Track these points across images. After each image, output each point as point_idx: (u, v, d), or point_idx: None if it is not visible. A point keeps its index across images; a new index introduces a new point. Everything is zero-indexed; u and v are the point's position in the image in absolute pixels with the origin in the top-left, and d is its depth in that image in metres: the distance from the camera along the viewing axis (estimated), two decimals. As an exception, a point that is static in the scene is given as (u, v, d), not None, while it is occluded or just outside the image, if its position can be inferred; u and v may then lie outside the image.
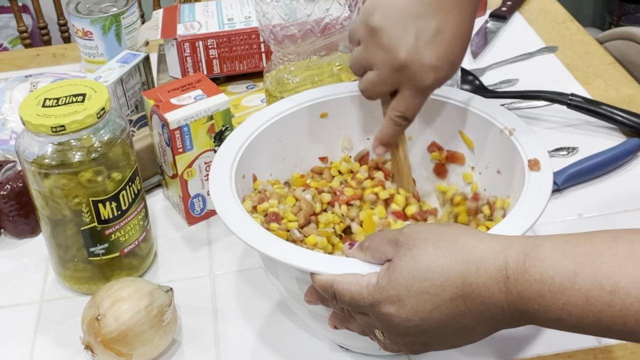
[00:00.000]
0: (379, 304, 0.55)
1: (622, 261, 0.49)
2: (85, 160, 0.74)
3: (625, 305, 0.48)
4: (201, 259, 0.86)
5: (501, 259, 0.52)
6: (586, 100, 1.02)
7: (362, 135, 0.83)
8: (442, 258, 0.54)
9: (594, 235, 0.52)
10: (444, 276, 0.53)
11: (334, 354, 0.74)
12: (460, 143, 0.80)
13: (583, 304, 0.50)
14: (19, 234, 0.91)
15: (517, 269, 0.52)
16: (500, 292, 0.52)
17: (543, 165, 0.69)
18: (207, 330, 0.78)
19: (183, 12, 1.12)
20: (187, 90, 0.87)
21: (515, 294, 0.52)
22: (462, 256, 0.53)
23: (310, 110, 0.81)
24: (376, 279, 0.56)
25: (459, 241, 0.54)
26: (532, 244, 0.53)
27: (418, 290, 0.54)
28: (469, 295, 0.53)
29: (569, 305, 0.50)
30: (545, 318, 0.52)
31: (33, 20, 2.32)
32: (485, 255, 0.53)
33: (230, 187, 0.69)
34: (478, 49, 1.21)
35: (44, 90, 0.76)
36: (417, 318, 0.54)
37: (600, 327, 0.50)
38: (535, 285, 0.51)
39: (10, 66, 1.26)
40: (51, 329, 0.79)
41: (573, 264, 0.50)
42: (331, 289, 0.58)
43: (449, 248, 0.54)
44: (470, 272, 0.53)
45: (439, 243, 0.55)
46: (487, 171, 0.78)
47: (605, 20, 2.71)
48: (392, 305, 0.55)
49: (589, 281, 0.49)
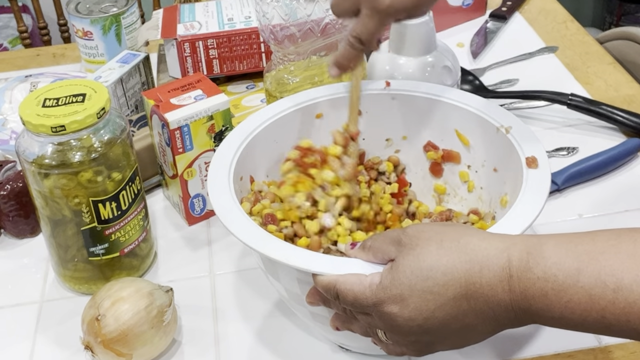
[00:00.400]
0: (382, 303, 0.55)
1: (625, 259, 0.49)
2: (85, 160, 0.74)
3: (628, 302, 0.48)
4: (201, 259, 0.86)
5: (504, 258, 0.53)
6: (586, 100, 1.02)
7: None
8: (446, 257, 0.54)
9: (596, 234, 0.52)
10: (447, 275, 0.53)
11: (334, 354, 0.74)
12: (456, 141, 0.80)
13: (586, 302, 0.50)
14: (19, 234, 0.91)
15: (521, 268, 0.52)
16: (504, 291, 0.52)
17: (541, 162, 0.69)
18: (207, 330, 0.78)
19: (183, 12, 1.12)
20: (187, 90, 0.87)
21: (519, 292, 0.52)
22: (465, 255, 0.53)
23: (306, 111, 0.81)
24: (379, 279, 0.56)
25: (462, 240, 0.54)
26: (535, 242, 0.53)
27: (421, 289, 0.54)
28: (473, 294, 0.53)
29: (572, 303, 0.50)
30: (548, 316, 0.52)
31: (33, 20, 2.32)
32: (489, 254, 0.53)
33: (229, 190, 0.69)
34: (478, 49, 1.21)
35: (44, 90, 0.76)
36: (420, 317, 0.54)
37: (603, 325, 0.50)
38: (538, 284, 0.51)
39: (10, 66, 1.27)
40: (51, 329, 0.79)
41: (576, 262, 0.50)
42: (334, 289, 0.58)
43: (452, 247, 0.54)
44: (474, 271, 0.53)
45: (442, 242, 0.55)
46: (484, 169, 0.78)
47: (605, 20, 2.71)
48: (396, 304, 0.55)
49: (592, 279, 0.49)
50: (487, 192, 0.78)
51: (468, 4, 1.28)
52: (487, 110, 0.77)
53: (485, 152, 0.77)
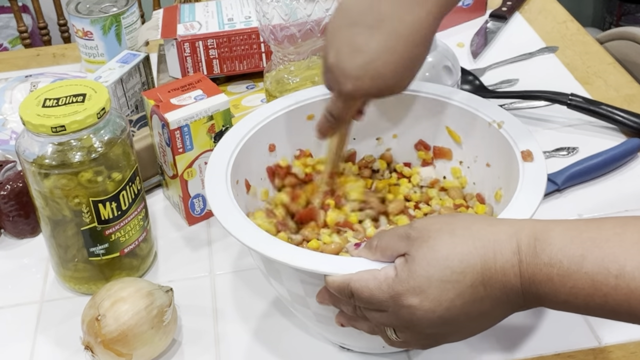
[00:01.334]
0: (400, 296, 0.55)
1: (629, 247, 0.50)
2: (86, 161, 0.74)
3: (630, 289, 0.49)
4: (201, 259, 0.86)
5: (514, 243, 0.54)
6: (586, 100, 1.02)
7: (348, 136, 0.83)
8: (460, 245, 0.54)
9: (602, 221, 0.53)
10: (464, 262, 0.54)
11: (335, 354, 0.74)
12: (447, 138, 0.80)
13: (590, 287, 0.51)
14: (19, 234, 0.91)
15: (529, 253, 0.53)
16: (516, 275, 0.53)
17: (536, 155, 0.69)
18: (207, 330, 0.78)
19: (183, 12, 1.12)
20: (187, 90, 0.87)
21: (528, 277, 0.53)
22: (479, 242, 0.54)
23: (297, 113, 0.80)
24: (394, 272, 0.56)
25: (474, 227, 0.55)
26: (542, 228, 0.54)
27: (440, 279, 0.54)
28: (489, 279, 0.54)
29: (576, 288, 0.51)
30: (554, 301, 0.53)
31: (33, 20, 2.32)
32: (500, 239, 0.54)
33: (227, 193, 0.69)
34: (478, 49, 1.21)
35: (44, 90, 0.76)
36: (440, 308, 0.55)
37: (606, 310, 0.51)
38: (545, 269, 0.52)
39: (10, 66, 1.26)
40: (51, 329, 0.79)
41: (581, 249, 0.51)
42: (347, 288, 0.58)
43: (465, 235, 0.55)
44: (488, 257, 0.54)
45: (455, 231, 0.55)
46: (476, 165, 0.78)
47: (605, 20, 2.71)
48: (415, 296, 0.55)
49: (596, 265, 0.51)
50: (480, 187, 0.78)
51: (468, 4, 1.28)
52: (477, 106, 0.77)
53: (477, 148, 0.78)
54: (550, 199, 0.91)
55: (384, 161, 0.83)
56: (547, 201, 0.90)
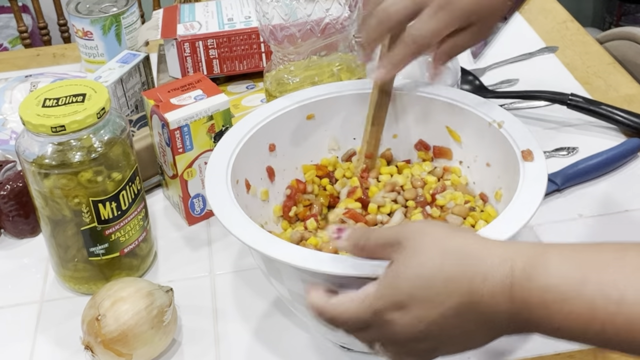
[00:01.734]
0: (381, 312, 0.54)
1: (630, 273, 0.48)
2: (85, 160, 0.74)
3: (631, 316, 0.48)
4: (201, 259, 0.86)
5: (507, 267, 0.52)
6: (586, 100, 1.02)
7: (348, 135, 0.83)
8: (449, 267, 0.53)
9: (602, 246, 0.52)
10: (449, 285, 0.52)
11: (335, 353, 0.74)
12: (447, 138, 0.80)
13: (588, 314, 0.49)
14: (19, 234, 0.91)
15: (523, 277, 0.51)
16: (505, 300, 0.51)
17: (536, 155, 0.69)
18: (207, 330, 0.77)
19: (183, 12, 1.12)
20: (187, 90, 0.87)
21: (520, 301, 0.51)
22: (468, 265, 0.52)
23: (297, 113, 0.80)
24: (374, 287, 0.55)
25: (466, 249, 0.53)
26: (539, 251, 0.52)
27: (423, 297, 0.53)
28: (475, 303, 0.52)
29: (574, 314, 0.49)
30: (549, 327, 0.51)
31: (33, 20, 2.32)
32: (493, 263, 0.52)
33: (227, 193, 0.69)
34: (478, 49, 1.21)
35: (44, 90, 0.76)
36: (421, 324, 0.54)
37: (604, 338, 0.49)
38: (539, 293, 0.50)
39: (10, 66, 1.26)
40: (51, 329, 0.79)
41: (580, 273, 0.50)
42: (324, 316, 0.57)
43: (456, 256, 0.53)
44: (477, 281, 0.52)
45: (446, 250, 0.54)
46: (476, 164, 0.78)
47: (605, 20, 2.71)
48: (397, 311, 0.54)
49: (595, 291, 0.49)
50: (479, 187, 0.78)
51: (468, 4, 1.28)
52: (477, 106, 0.77)
53: (477, 148, 0.78)
54: (550, 199, 0.91)
55: (384, 160, 0.83)
56: (547, 201, 0.90)
